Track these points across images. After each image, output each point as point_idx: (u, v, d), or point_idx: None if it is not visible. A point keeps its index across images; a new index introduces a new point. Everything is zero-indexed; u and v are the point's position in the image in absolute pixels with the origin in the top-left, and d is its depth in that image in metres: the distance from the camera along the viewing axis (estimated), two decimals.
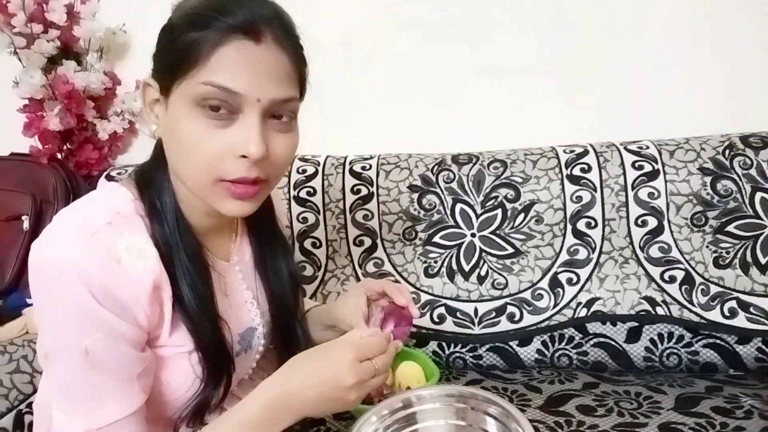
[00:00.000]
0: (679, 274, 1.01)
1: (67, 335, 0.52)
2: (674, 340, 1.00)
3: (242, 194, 0.56)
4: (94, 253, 0.52)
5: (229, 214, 0.58)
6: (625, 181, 1.05)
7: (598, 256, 1.05)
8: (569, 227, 1.06)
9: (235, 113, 0.54)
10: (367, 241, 1.13)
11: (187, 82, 0.53)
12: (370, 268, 1.12)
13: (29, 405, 0.79)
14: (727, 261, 1.01)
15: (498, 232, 1.09)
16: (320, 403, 0.56)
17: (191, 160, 0.55)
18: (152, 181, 0.61)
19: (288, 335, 0.73)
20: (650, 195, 1.03)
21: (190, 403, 0.60)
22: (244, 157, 0.54)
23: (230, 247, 0.70)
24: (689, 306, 1.00)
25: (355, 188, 1.13)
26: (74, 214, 0.56)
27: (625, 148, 1.08)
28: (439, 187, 1.11)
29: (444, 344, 1.07)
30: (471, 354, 1.06)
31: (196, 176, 0.56)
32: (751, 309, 0.98)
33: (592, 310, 1.03)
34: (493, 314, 1.06)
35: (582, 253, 1.06)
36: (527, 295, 1.06)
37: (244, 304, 0.69)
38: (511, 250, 1.08)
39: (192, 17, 0.53)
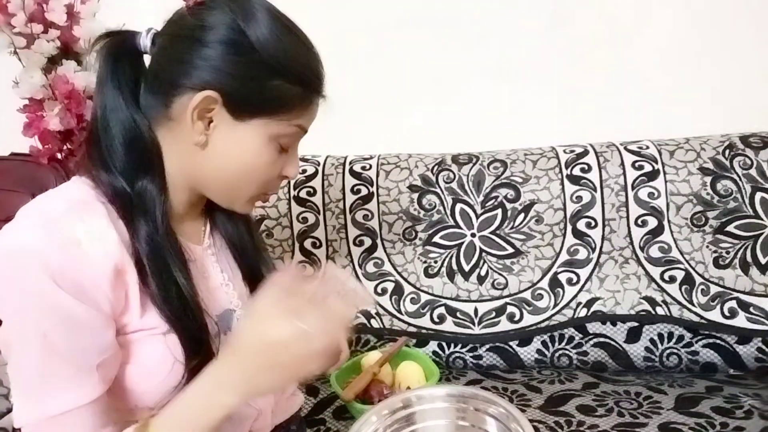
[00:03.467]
0: (679, 274, 1.01)
1: (25, 321, 0.51)
2: (674, 340, 1.00)
3: (266, 199, 0.68)
4: (52, 237, 0.51)
5: (246, 212, 0.69)
6: (625, 181, 1.05)
7: (598, 256, 1.05)
8: (569, 227, 1.06)
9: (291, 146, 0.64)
10: (367, 241, 1.13)
11: (276, 121, 0.60)
12: (370, 268, 1.12)
13: None
14: (727, 261, 1.01)
15: (498, 232, 1.09)
16: (250, 373, 0.50)
17: (248, 181, 0.62)
18: (144, 173, 0.60)
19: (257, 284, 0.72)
20: (650, 195, 1.03)
21: (176, 391, 0.58)
22: (284, 177, 0.65)
23: (201, 231, 0.70)
24: (689, 306, 1.00)
25: (355, 188, 1.13)
26: (33, 204, 0.56)
27: (625, 148, 1.08)
28: (439, 187, 1.11)
29: (444, 344, 1.07)
30: (471, 354, 1.07)
31: (242, 191, 0.64)
32: (751, 309, 0.98)
33: (592, 310, 1.03)
34: (493, 314, 1.06)
35: (582, 253, 1.06)
36: (527, 295, 1.06)
37: (219, 287, 0.69)
38: (511, 250, 1.08)
39: (293, 69, 0.60)
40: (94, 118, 0.62)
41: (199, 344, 0.60)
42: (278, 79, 0.58)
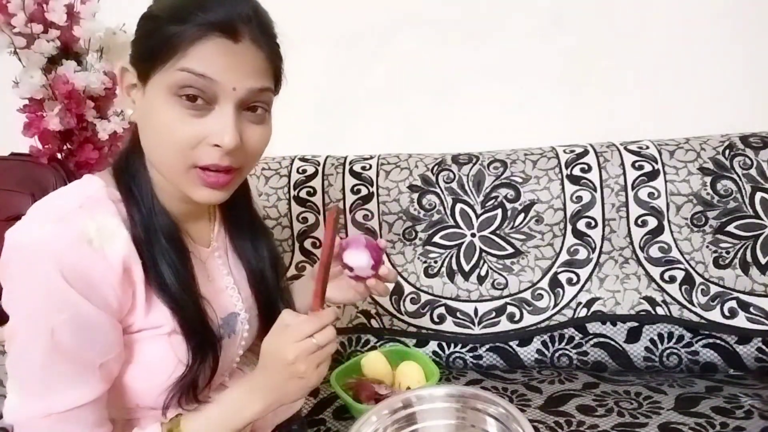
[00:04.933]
0: (679, 274, 1.01)
1: (34, 316, 0.52)
2: (674, 340, 1.00)
3: (214, 183, 0.58)
4: (64, 234, 0.52)
5: (201, 201, 0.60)
6: (625, 181, 1.05)
7: (598, 256, 1.05)
8: (569, 227, 1.06)
9: (211, 103, 0.56)
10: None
11: (166, 70, 0.55)
12: None
13: None
14: (727, 261, 1.01)
15: (498, 232, 1.09)
16: (277, 384, 0.60)
17: (166, 146, 0.57)
18: (128, 166, 0.62)
19: (272, 314, 0.73)
20: (650, 195, 1.03)
21: (180, 383, 0.60)
22: (217, 146, 0.56)
23: (210, 234, 0.71)
24: (689, 306, 1.00)
25: (355, 188, 1.13)
26: (45, 201, 0.57)
27: (625, 148, 1.08)
28: (439, 187, 1.11)
29: (444, 344, 1.07)
30: (471, 354, 1.07)
31: (169, 162, 0.57)
32: (751, 309, 0.98)
33: (592, 310, 1.03)
34: (493, 314, 1.06)
35: (582, 253, 1.06)
36: (527, 295, 1.06)
37: (225, 290, 0.70)
38: (511, 250, 1.08)
39: (173, 11, 0.55)
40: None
41: (198, 327, 0.61)
42: (162, 26, 0.56)
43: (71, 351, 0.53)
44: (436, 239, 1.11)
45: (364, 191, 1.13)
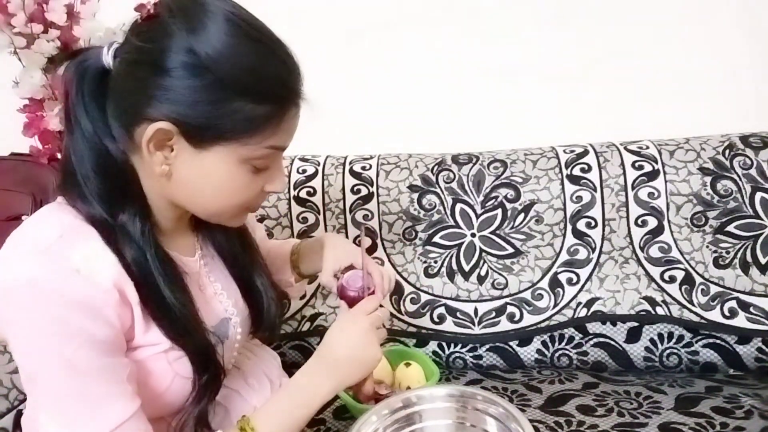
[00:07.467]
0: (679, 274, 1.01)
1: (46, 352, 0.50)
2: (674, 340, 1.00)
3: (254, 210, 0.66)
4: (51, 266, 0.50)
5: (237, 225, 0.67)
6: (625, 181, 1.05)
7: (598, 256, 1.05)
8: (569, 227, 1.06)
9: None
10: (367, 241, 1.12)
11: (244, 145, 0.55)
12: None
13: None
14: (727, 261, 1.01)
15: (498, 232, 1.09)
16: (342, 365, 0.65)
17: (226, 203, 0.60)
18: (121, 211, 0.57)
19: (252, 292, 0.74)
20: (650, 195, 1.03)
21: (190, 412, 0.60)
22: (270, 192, 0.62)
23: (194, 243, 0.70)
24: (689, 306, 1.00)
25: (355, 188, 1.13)
26: (23, 234, 0.54)
27: (625, 148, 1.08)
28: (439, 187, 1.11)
29: (444, 344, 1.07)
30: (471, 354, 1.07)
31: (224, 212, 0.61)
32: (751, 309, 0.98)
33: (592, 310, 1.03)
34: (493, 314, 1.06)
35: (582, 253, 1.06)
36: (527, 295, 1.06)
37: (214, 296, 0.69)
38: (511, 250, 1.08)
39: (253, 86, 0.53)
40: (66, 145, 0.58)
41: (206, 359, 0.61)
42: (240, 99, 0.52)
43: (95, 371, 0.52)
44: (436, 239, 1.11)
45: (364, 191, 1.13)
